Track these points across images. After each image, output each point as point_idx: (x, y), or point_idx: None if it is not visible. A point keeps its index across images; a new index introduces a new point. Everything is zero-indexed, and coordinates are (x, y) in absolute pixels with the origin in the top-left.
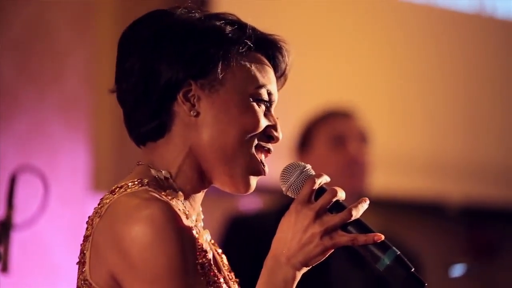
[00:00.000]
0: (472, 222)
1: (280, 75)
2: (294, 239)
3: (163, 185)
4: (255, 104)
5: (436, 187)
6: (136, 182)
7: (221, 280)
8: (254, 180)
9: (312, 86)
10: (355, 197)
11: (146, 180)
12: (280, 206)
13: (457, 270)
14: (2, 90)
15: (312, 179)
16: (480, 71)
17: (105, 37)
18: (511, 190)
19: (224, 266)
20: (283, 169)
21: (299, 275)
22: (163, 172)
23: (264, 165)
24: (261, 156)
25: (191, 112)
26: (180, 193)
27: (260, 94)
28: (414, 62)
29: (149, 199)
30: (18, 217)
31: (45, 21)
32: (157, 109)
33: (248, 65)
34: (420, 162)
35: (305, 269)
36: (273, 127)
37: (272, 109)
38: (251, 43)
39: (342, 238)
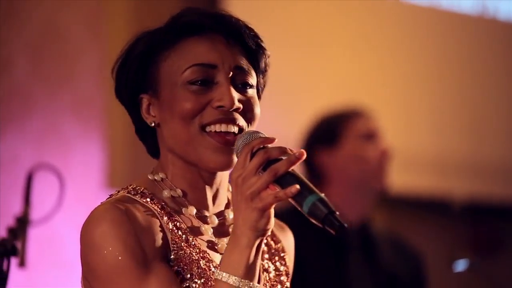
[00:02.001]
0: (476, 219)
1: (224, 31)
2: (237, 208)
3: (157, 187)
4: (186, 87)
5: (441, 185)
6: (123, 190)
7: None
8: (221, 155)
9: (319, 86)
10: (380, 193)
11: (133, 186)
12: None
13: (461, 265)
14: (17, 90)
15: (246, 146)
16: (485, 72)
17: (117, 38)
18: None
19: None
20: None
21: (256, 241)
22: (160, 174)
23: (222, 141)
24: (212, 139)
25: (152, 123)
26: (179, 190)
27: (186, 78)
28: (419, 63)
29: (107, 209)
30: (35, 214)
31: (58, 23)
32: (142, 131)
33: (173, 57)
34: (425, 160)
35: (260, 234)
36: (218, 97)
37: (224, 77)
38: (174, 35)
39: (269, 197)
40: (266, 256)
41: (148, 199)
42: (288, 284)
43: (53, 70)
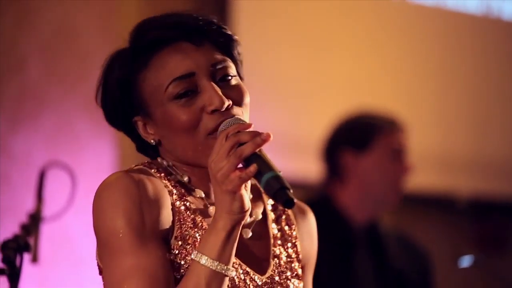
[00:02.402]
0: (481, 216)
1: (189, 36)
2: (214, 193)
3: (169, 170)
4: (174, 103)
5: (446, 182)
6: (141, 163)
7: None
8: None
9: (327, 84)
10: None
11: (149, 162)
12: (309, 200)
13: (466, 262)
14: (31, 89)
15: (222, 132)
16: (490, 71)
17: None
18: None
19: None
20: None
21: (231, 224)
22: (169, 162)
23: None
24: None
25: (153, 142)
26: (186, 177)
27: (171, 94)
28: (424, 62)
29: (119, 177)
30: (47, 210)
31: (71, 24)
32: (143, 149)
33: (150, 77)
34: (430, 158)
35: (237, 217)
36: (208, 101)
37: (206, 79)
38: (143, 54)
39: (235, 179)
40: (279, 242)
41: (163, 174)
42: (299, 271)
43: (67, 69)
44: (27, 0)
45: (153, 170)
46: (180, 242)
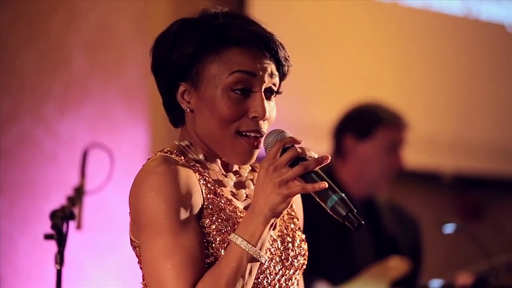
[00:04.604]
0: (462, 190)
1: (262, 45)
2: (261, 190)
3: (185, 151)
4: (228, 94)
5: (433, 160)
6: (159, 152)
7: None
8: (248, 155)
9: (334, 78)
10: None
11: (167, 149)
12: None
13: (449, 228)
14: (76, 81)
15: (278, 141)
16: (471, 63)
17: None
18: (495, 162)
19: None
20: (266, 134)
21: (271, 220)
22: (185, 142)
23: (253, 146)
24: (245, 142)
25: (187, 109)
26: (201, 155)
27: (229, 83)
28: (415, 56)
29: (154, 165)
30: (89, 185)
31: (109, 24)
32: (169, 105)
33: (218, 62)
34: (420, 139)
35: (276, 215)
36: (254, 108)
37: (259, 87)
38: (220, 43)
39: (296, 187)
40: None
41: (182, 157)
42: (299, 224)
43: (106, 63)
44: (73, 3)
45: (173, 156)
46: (209, 211)
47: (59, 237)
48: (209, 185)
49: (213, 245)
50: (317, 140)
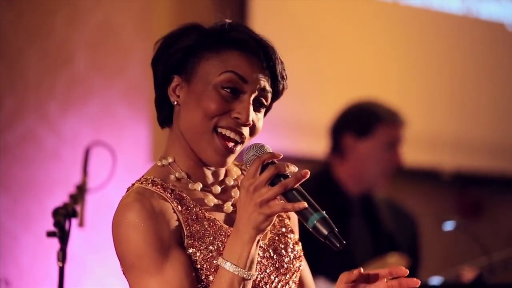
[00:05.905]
0: (461, 187)
1: (262, 55)
2: (244, 209)
3: (168, 171)
4: (217, 90)
5: (433, 158)
6: (137, 182)
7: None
8: (221, 157)
9: (337, 80)
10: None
11: (145, 177)
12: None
13: (448, 226)
14: (78, 79)
15: (257, 158)
16: (471, 62)
17: (161, 34)
18: (495, 160)
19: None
20: (246, 148)
21: (257, 237)
22: (168, 159)
23: (226, 147)
24: (219, 141)
25: (175, 102)
26: (183, 173)
27: (221, 81)
28: (415, 55)
29: (129, 203)
30: (91, 182)
31: (112, 24)
32: (161, 101)
33: (215, 60)
34: (420, 138)
35: (260, 232)
36: (238, 110)
37: (249, 94)
38: (222, 43)
39: (277, 207)
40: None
41: (159, 186)
42: (291, 225)
43: (108, 62)
44: (76, 2)
45: (149, 186)
46: (191, 240)
47: (62, 235)
48: (188, 210)
49: (202, 271)
50: (315, 138)
